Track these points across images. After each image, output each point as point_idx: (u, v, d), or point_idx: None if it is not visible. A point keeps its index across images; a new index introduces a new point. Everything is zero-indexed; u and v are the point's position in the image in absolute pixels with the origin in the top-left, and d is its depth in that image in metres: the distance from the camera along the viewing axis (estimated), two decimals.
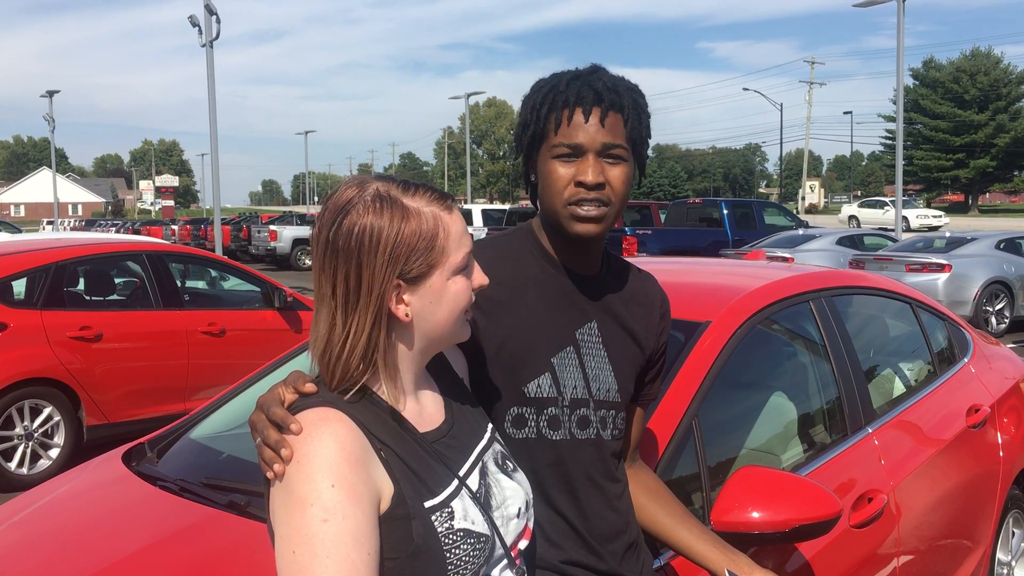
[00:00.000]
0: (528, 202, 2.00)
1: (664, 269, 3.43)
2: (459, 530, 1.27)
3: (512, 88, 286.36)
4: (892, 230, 19.64)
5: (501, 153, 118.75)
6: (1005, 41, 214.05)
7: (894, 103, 38.25)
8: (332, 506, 1.16)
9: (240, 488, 2.23)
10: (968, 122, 71.43)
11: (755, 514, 1.96)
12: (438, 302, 1.31)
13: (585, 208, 1.57)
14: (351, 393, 1.27)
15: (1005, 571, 3.70)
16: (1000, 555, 3.62)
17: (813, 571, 2.32)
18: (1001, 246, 13.94)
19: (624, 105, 1.59)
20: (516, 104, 1.76)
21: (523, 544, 1.43)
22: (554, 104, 1.59)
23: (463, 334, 1.40)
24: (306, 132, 60.88)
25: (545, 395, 1.62)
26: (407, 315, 1.29)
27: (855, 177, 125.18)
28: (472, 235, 1.38)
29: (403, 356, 1.33)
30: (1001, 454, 3.48)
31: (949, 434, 3.18)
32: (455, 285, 1.32)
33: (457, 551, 1.25)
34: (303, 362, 2.79)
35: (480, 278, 1.39)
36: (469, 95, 43.67)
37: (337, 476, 1.17)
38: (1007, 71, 72.94)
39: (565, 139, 1.57)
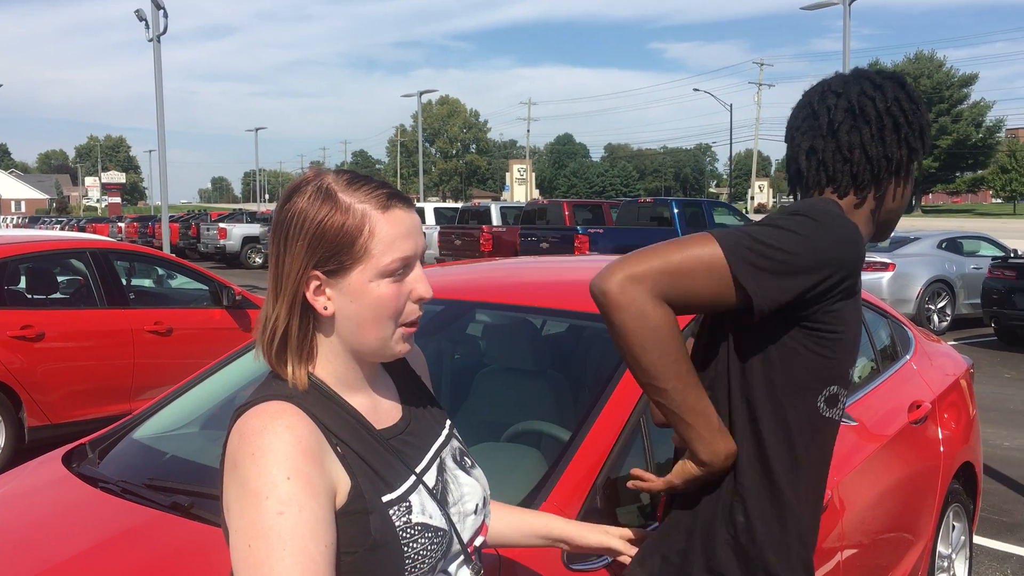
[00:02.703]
0: (480, 200, 2.03)
1: None
2: (417, 524, 1.26)
3: (465, 86, 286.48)
4: None
5: (454, 151, 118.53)
6: (947, 45, 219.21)
7: None
8: (288, 498, 1.14)
9: (184, 489, 2.19)
10: None
11: None
12: (358, 302, 1.27)
13: None
14: (299, 375, 1.28)
15: (946, 564, 3.79)
16: (940, 548, 3.70)
17: None
18: (943, 246, 14.28)
19: None
20: (469, 102, 1.77)
21: (479, 540, 1.43)
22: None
23: (397, 347, 1.32)
24: (256, 129, 59.91)
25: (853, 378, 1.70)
26: (326, 308, 1.28)
27: None
28: (422, 238, 1.34)
29: (335, 351, 1.32)
30: (942, 449, 3.55)
31: (891, 430, 3.24)
32: (378, 289, 1.27)
33: (415, 545, 1.25)
34: (249, 360, 2.76)
35: (422, 290, 1.32)
36: (422, 93, 43.47)
37: (292, 469, 1.16)
38: (949, 74, 74.69)
39: None
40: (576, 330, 3.06)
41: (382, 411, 1.37)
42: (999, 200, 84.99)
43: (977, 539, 4.84)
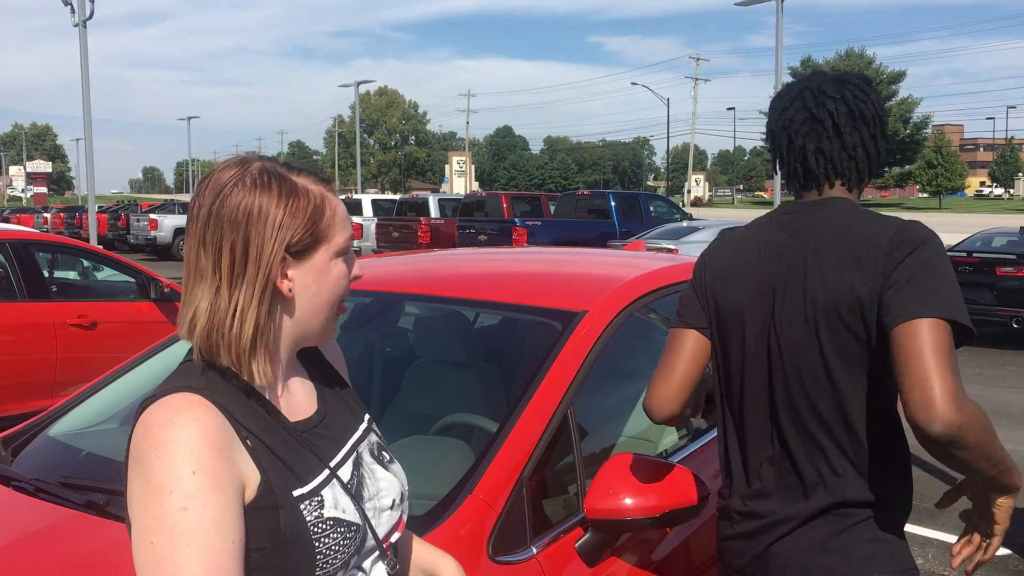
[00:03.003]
0: (419, 192, 2.04)
1: (545, 259, 3.44)
2: (329, 519, 1.23)
3: (404, 77, 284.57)
4: None
5: (392, 143, 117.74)
6: (877, 43, 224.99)
7: None
8: (193, 493, 1.11)
9: (100, 487, 2.13)
10: None
11: (628, 500, 1.97)
12: (320, 281, 1.28)
13: None
14: (267, 367, 1.24)
15: None
16: None
17: (688, 554, 2.37)
18: None
19: None
20: (407, 93, 1.74)
21: (395, 537, 1.40)
22: None
23: (332, 330, 1.35)
24: (189, 118, 58.71)
25: None
26: (290, 291, 1.26)
27: (738, 171, 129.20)
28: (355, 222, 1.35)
29: (279, 338, 1.29)
30: None
31: None
32: (337, 267, 1.30)
33: (327, 540, 1.22)
34: (173, 353, 2.69)
35: (357, 270, 1.36)
36: (359, 83, 43.10)
37: (198, 463, 1.12)
38: (879, 71, 76.43)
39: None
40: (508, 322, 3.04)
41: (296, 403, 1.33)
42: (925, 195, 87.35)
43: None
